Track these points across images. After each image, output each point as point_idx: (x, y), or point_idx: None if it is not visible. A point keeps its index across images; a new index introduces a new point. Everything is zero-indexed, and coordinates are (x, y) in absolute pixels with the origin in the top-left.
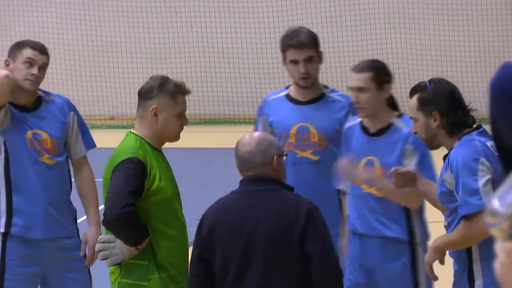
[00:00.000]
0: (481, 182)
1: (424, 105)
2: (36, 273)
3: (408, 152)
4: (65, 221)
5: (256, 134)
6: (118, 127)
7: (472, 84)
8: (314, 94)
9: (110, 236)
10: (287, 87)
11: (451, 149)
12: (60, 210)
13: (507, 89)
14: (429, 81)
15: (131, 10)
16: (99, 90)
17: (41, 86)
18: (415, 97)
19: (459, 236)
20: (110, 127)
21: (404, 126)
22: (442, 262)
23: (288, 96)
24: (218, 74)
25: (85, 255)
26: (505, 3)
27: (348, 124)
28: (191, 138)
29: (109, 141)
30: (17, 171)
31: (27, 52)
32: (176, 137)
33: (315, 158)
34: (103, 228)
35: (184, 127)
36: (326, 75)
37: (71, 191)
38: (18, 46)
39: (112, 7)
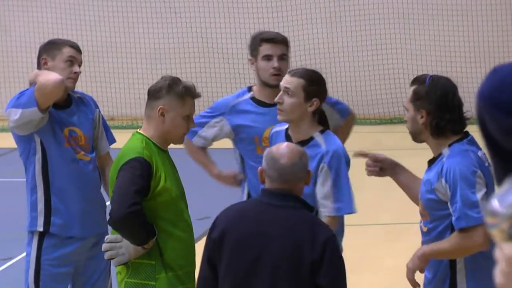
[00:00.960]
0: (479, 195)
1: (415, 99)
2: (68, 272)
3: (323, 171)
4: (99, 218)
5: (294, 146)
6: (118, 127)
7: (472, 84)
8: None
9: (117, 236)
10: (249, 89)
11: (439, 154)
12: (95, 206)
13: (497, 97)
14: (431, 76)
15: (131, 10)
16: (98, 90)
17: None
18: (411, 88)
19: (452, 247)
20: (110, 127)
21: (323, 143)
22: (422, 271)
23: (253, 99)
24: (218, 74)
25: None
26: (505, 3)
27: (276, 128)
28: None
29: None
30: (55, 170)
31: (68, 51)
32: (180, 140)
33: None
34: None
35: (195, 124)
36: (326, 75)
37: (101, 186)
38: (57, 45)
39: (111, 8)
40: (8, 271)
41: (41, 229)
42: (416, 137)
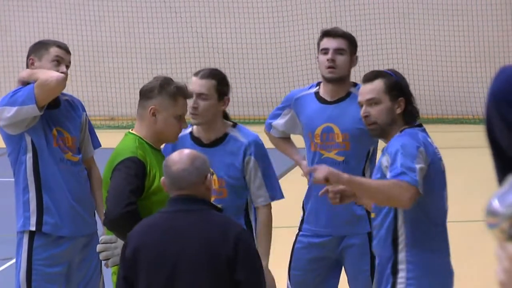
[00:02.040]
0: (418, 166)
1: (391, 90)
2: (61, 273)
3: (251, 162)
4: (89, 218)
5: (187, 151)
6: (118, 127)
7: (472, 84)
8: (341, 93)
9: (112, 237)
10: (317, 84)
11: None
12: (85, 207)
13: (508, 97)
14: (389, 70)
15: (131, 10)
16: (98, 90)
17: None
18: (379, 81)
19: (382, 185)
20: (109, 127)
21: (240, 136)
22: (336, 201)
23: (317, 94)
24: None
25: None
26: (505, 3)
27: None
28: None
29: (109, 141)
30: (46, 170)
31: (55, 51)
32: (174, 139)
33: (340, 158)
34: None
35: (187, 124)
36: None
37: (90, 187)
38: (44, 45)
39: (111, 8)
40: (8, 271)
41: (33, 229)
42: (386, 129)
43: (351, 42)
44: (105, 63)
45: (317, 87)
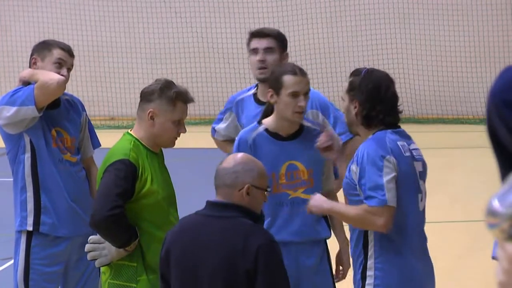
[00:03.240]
0: (385, 178)
1: (350, 89)
2: (58, 272)
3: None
4: (86, 217)
5: (241, 154)
6: (118, 127)
7: (472, 84)
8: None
9: (100, 237)
10: (256, 86)
11: None
12: (83, 207)
13: (505, 97)
14: (367, 69)
15: (131, 10)
16: (99, 90)
17: None
18: (349, 80)
19: (355, 216)
20: (110, 127)
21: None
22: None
23: (255, 96)
24: (218, 74)
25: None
26: (505, 3)
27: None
28: (191, 138)
29: (109, 141)
30: (44, 170)
31: (58, 53)
32: (170, 144)
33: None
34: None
35: (186, 129)
36: (326, 75)
37: (89, 188)
38: (47, 45)
39: (112, 8)
40: (9, 270)
41: (30, 229)
42: (351, 128)
43: (279, 40)
44: (105, 63)
45: (256, 88)
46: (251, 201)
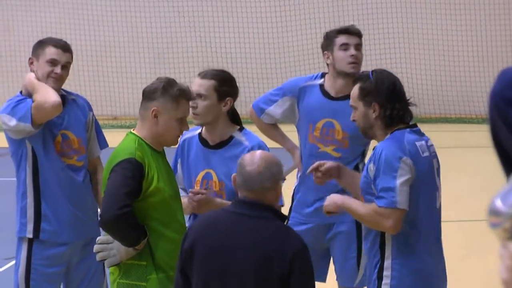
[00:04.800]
0: (399, 181)
1: (365, 95)
2: (60, 272)
3: None
4: (90, 223)
5: (265, 154)
6: (120, 127)
7: (475, 83)
8: (346, 90)
9: (108, 237)
10: (322, 75)
11: None
12: (86, 212)
13: (507, 96)
14: (372, 71)
15: (134, 10)
16: (101, 90)
17: None
18: (357, 86)
19: (365, 215)
20: (112, 127)
21: (244, 140)
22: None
23: (322, 87)
24: None
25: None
26: (509, 2)
27: (186, 135)
28: None
29: (112, 141)
30: (45, 179)
31: (50, 52)
32: (174, 142)
33: (337, 155)
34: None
35: (188, 126)
36: None
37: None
38: (41, 44)
39: (115, 7)
40: (10, 270)
41: (30, 236)
42: (368, 132)
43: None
44: (108, 63)
45: (322, 79)
46: (278, 198)
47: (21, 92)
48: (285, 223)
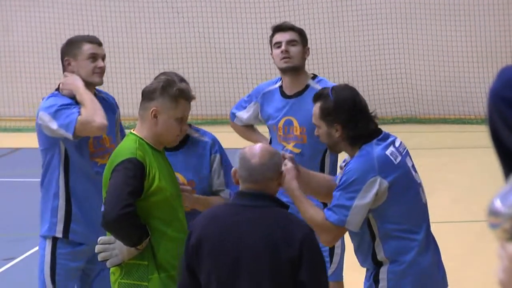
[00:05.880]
0: (357, 202)
1: (326, 115)
2: (80, 267)
3: None
4: None
5: (265, 146)
6: None
7: (474, 84)
8: (299, 86)
9: (110, 237)
10: (281, 78)
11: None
12: None
13: (506, 96)
14: (331, 89)
15: (133, 10)
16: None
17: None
18: (317, 105)
19: (310, 218)
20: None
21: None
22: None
23: (280, 88)
24: (220, 74)
25: None
26: (508, 3)
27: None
28: None
29: None
30: (77, 182)
31: (88, 48)
32: (173, 141)
33: (297, 151)
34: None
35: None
36: (328, 75)
37: None
38: (76, 43)
39: (113, 8)
40: (11, 271)
41: (59, 235)
42: (334, 148)
43: (301, 35)
44: (107, 63)
45: (281, 81)
46: (279, 187)
47: (58, 90)
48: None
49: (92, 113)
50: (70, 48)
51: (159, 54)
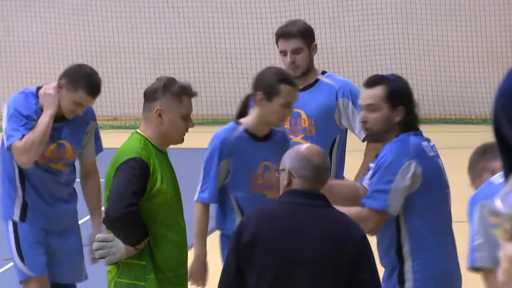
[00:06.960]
0: (395, 185)
1: (392, 97)
2: (43, 241)
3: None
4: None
5: (317, 146)
6: (120, 127)
7: (475, 84)
8: (308, 81)
9: (108, 235)
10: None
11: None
12: (66, 201)
13: None
14: (391, 75)
15: (134, 10)
16: (101, 90)
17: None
18: (380, 87)
19: (348, 211)
20: (112, 127)
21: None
22: None
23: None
24: (221, 74)
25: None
26: (508, 3)
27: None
28: (195, 138)
29: (111, 141)
30: (31, 177)
31: (80, 97)
32: (180, 140)
33: (305, 143)
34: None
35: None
36: None
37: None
38: (76, 82)
39: (114, 8)
40: (11, 271)
41: (17, 219)
42: (382, 136)
43: (304, 38)
44: (108, 63)
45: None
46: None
47: (37, 91)
48: None
49: (28, 147)
50: (71, 80)
51: (160, 54)
